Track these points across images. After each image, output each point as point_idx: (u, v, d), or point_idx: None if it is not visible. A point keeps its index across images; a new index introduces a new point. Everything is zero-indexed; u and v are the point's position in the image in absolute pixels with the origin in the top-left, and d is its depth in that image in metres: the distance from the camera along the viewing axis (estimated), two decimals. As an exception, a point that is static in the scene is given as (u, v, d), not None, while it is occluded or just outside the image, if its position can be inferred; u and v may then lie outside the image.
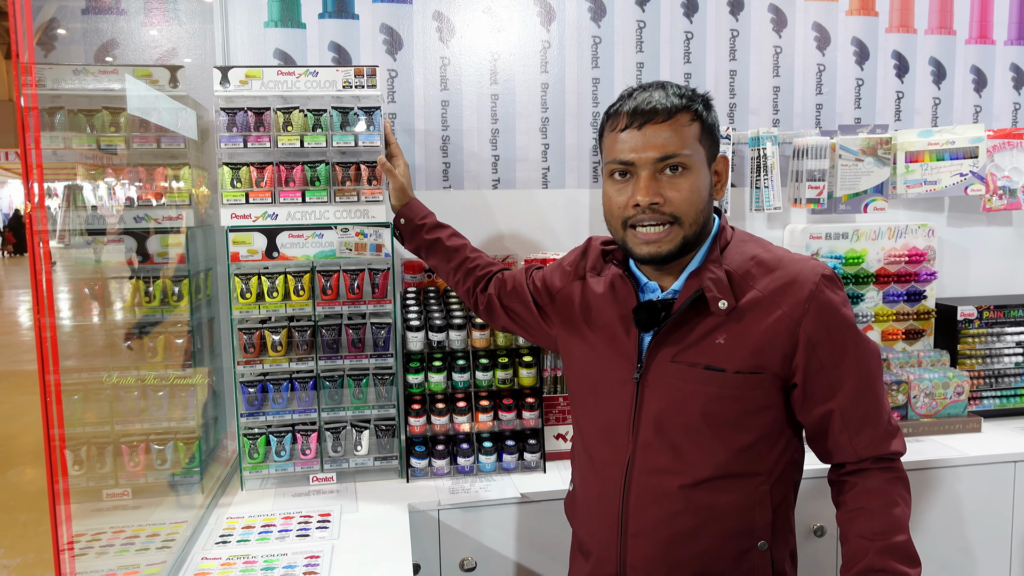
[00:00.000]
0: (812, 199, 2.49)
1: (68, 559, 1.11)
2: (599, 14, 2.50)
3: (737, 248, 1.42)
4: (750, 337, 1.34)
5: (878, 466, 1.39)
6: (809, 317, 1.33)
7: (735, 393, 1.35)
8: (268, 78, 2.00)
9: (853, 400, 1.36)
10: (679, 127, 1.34)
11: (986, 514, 2.17)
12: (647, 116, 1.34)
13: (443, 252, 1.90)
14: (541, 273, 1.73)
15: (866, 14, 2.66)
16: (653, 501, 1.39)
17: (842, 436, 1.38)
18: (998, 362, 2.51)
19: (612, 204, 1.40)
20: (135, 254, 1.92)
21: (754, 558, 1.40)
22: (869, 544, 1.32)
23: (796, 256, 1.41)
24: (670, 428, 1.38)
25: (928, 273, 2.56)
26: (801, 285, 1.34)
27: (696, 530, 1.38)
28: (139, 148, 1.91)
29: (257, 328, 2.02)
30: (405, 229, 1.94)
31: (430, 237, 1.91)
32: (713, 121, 1.40)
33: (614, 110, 1.41)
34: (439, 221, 1.95)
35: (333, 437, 2.05)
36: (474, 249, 1.93)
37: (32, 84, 1.00)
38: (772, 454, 1.40)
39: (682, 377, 1.37)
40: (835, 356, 1.35)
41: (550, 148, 2.52)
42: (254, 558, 1.62)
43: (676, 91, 1.37)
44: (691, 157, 1.35)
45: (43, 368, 1.01)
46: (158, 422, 1.93)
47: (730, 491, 1.38)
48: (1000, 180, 2.60)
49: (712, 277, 1.37)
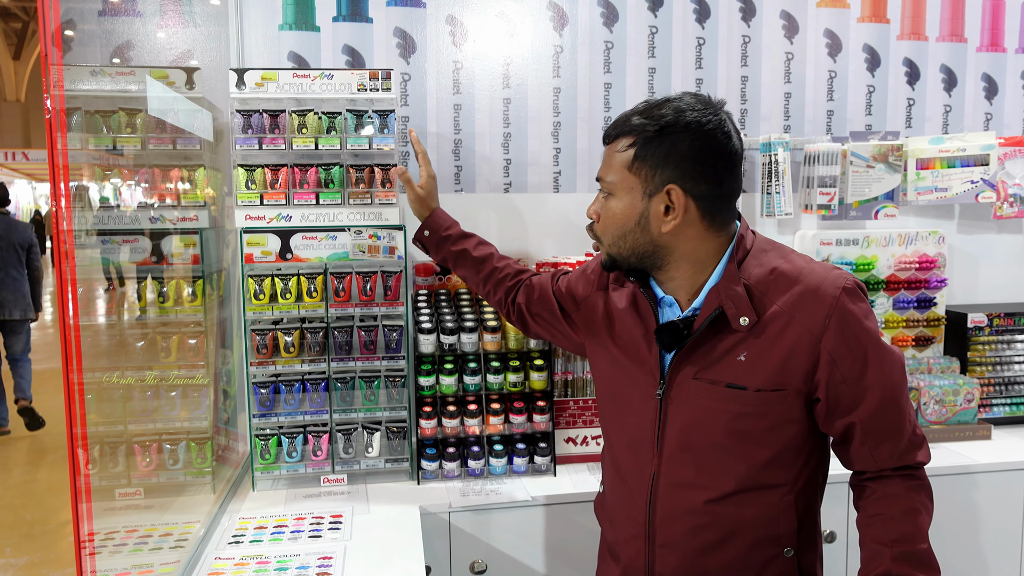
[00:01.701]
0: (823, 205, 2.49)
1: (88, 557, 1.12)
2: (612, 19, 2.51)
3: (756, 260, 1.38)
4: (771, 354, 1.32)
5: (900, 473, 1.37)
6: (830, 332, 1.30)
7: (758, 410, 1.34)
8: (283, 80, 2.02)
9: (875, 414, 1.33)
10: (612, 152, 1.39)
11: (996, 521, 2.17)
12: (605, 139, 1.42)
13: (471, 263, 1.88)
14: (567, 279, 1.72)
15: (877, 21, 2.67)
16: (679, 515, 1.40)
17: (863, 448, 1.36)
18: (1008, 369, 2.50)
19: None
20: (150, 255, 1.93)
21: (781, 565, 1.39)
22: (887, 550, 1.31)
23: (817, 267, 1.36)
24: (694, 444, 1.38)
25: (938, 280, 2.56)
26: (822, 299, 1.31)
27: (722, 541, 1.38)
28: (155, 149, 1.92)
29: (270, 329, 2.03)
30: (430, 241, 1.92)
31: (456, 248, 1.89)
32: (663, 148, 1.31)
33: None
34: (464, 231, 1.92)
35: (344, 439, 2.06)
36: (502, 257, 1.90)
37: (60, 85, 1.01)
38: (796, 465, 1.38)
39: (705, 395, 1.36)
40: (857, 370, 1.31)
41: (562, 152, 2.53)
42: (267, 558, 1.62)
43: (649, 112, 1.34)
44: (614, 184, 1.38)
45: (67, 367, 1.02)
46: (171, 422, 1.94)
47: (755, 503, 1.37)
48: (1011, 188, 2.60)
49: (731, 294, 1.34)
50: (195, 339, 1.98)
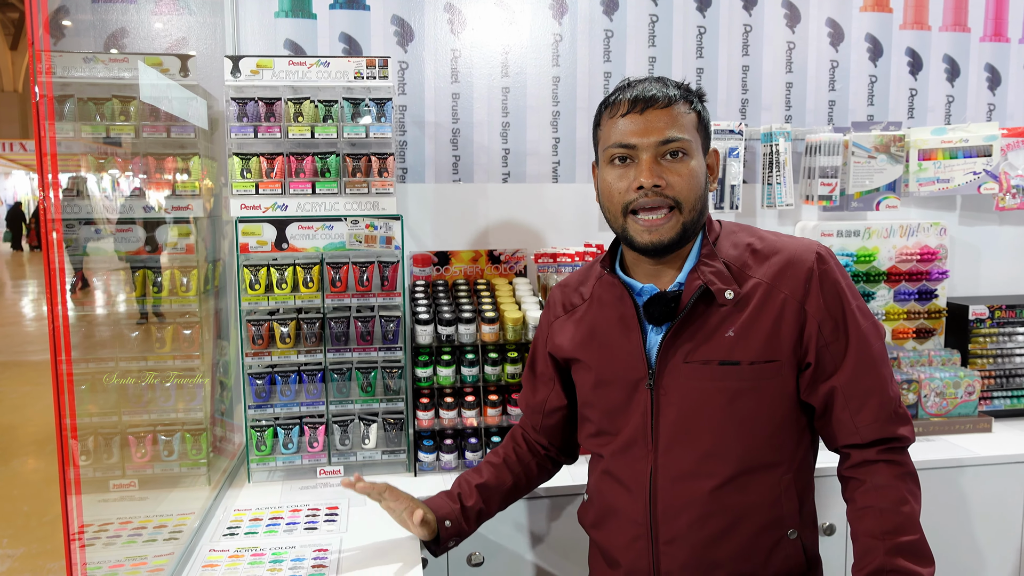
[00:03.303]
0: (824, 196, 2.47)
1: (78, 549, 1.10)
2: (611, 7, 2.48)
3: (728, 240, 1.43)
4: (759, 326, 1.35)
5: (884, 457, 1.37)
6: (811, 295, 1.35)
7: (753, 384, 1.35)
8: (279, 68, 1.99)
9: (854, 375, 1.36)
10: (678, 114, 1.36)
11: (996, 514, 2.16)
12: (648, 102, 1.35)
13: (505, 492, 1.65)
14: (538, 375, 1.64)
15: (880, 10, 2.64)
16: (683, 507, 1.38)
17: (844, 414, 1.37)
18: (1009, 362, 2.49)
19: (612, 190, 1.39)
20: (144, 244, 1.91)
21: (787, 547, 1.40)
22: (879, 544, 1.32)
23: (787, 238, 1.43)
24: (692, 431, 1.37)
25: (940, 272, 2.55)
26: (799, 265, 1.36)
27: (728, 529, 1.37)
28: (149, 137, 1.90)
29: (266, 320, 2.01)
30: (454, 528, 1.58)
31: (481, 507, 1.62)
32: (707, 115, 1.42)
33: (613, 99, 1.41)
34: (468, 485, 1.63)
35: (341, 430, 2.04)
36: (499, 458, 1.68)
37: (47, 72, 0.99)
38: (792, 441, 1.40)
39: (698, 376, 1.36)
40: (839, 332, 1.36)
41: (561, 142, 2.50)
42: (262, 550, 1.61)
43: (673, 83, 1.40)
44: (691, 143, 1.36)
45: (56, 358, 1.00)
46: (165, 413, 1.93)
47: (757, 485, 1.37)
48: (1014, 179, 2.58)
49: (712, 270, 1.37)
50: (190, 329, 1.97)
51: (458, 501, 1.59)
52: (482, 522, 1.63)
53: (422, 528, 1.55)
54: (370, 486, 1.54)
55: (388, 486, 1.56)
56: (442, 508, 1.58)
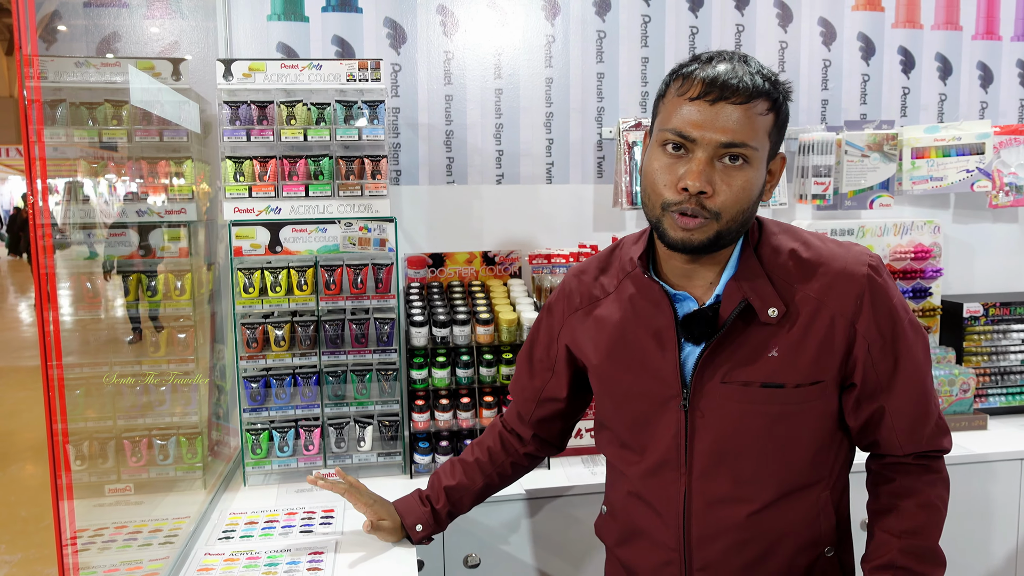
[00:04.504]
0: (818, 195, 2.48)
1: (71, 554, 1.10)
2: (604, 8, 2.49)
3: (770, 244, 1.29)
4: (806, 345, 1.23)
5: (920, 462, 1.32)
6: (863, 314, 1.23)
7: (798, 408, 1.25)
8: (271, 71, 1.99)
9: (903, 396, 1.27)
10: (753, 115, 1.16)
11: (993, 511, 2.16)
12: (724, 92, 1.15)
13: (477, 496, 1.63)
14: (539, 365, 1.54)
15: (872, 9, 2.65)
16: (719, 533, 1.29)
17: (891, 435, 1.29)
18: (1004, 359, 2.49)
19: (656, 180, 1.21)
20: (137, 248, 1.91)
21: (824, 565, 1.33)
22: (895, 540, 1.27)
23: (834, 244, 1.29)
24: (730, 455, 1.27)
25: (934, 270, 2.55)
26: (850, 281, 1.24)
27: (766, 554, 1.30)
28: (141, 141, 1.90)
29: (260, 323, 2.01)
30: (425, 531, 1.60)
31: (451, 508, 1.61)
32: (787, 115, 1.24)
33: (688, 71, 1.20)
34: (439, 487, 1.61)
35: (336, 433, 2.04)
36: (475, 460, 1.62)
37: (35, 76, 0.99)
38: (830, 460, 1.32)
39: (738, 399, 1.25)
40: (888, 351, 1.25)
41: (554, 143, 2.51)
42: (257, 554, 1.61)
43: (760, 71, 1.19)
44: (756, 152, 1.18)
45: (46, 362, 1.00)
46: (160, 417, 1.93)
47: (797, 507, 1.29)
48: (1007, 176, 2.59)
49: (755, 285, 1.24)
50: (185, 333, 1.96)
51: (427, 503, 1.60)
52: (454, 518, 1.63)
53: (379, 533, 1.60)
54: (330, 485, 1.59)
55: (349, 486, 1.60)
56: (412, 512, 1.60)
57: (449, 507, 1.59)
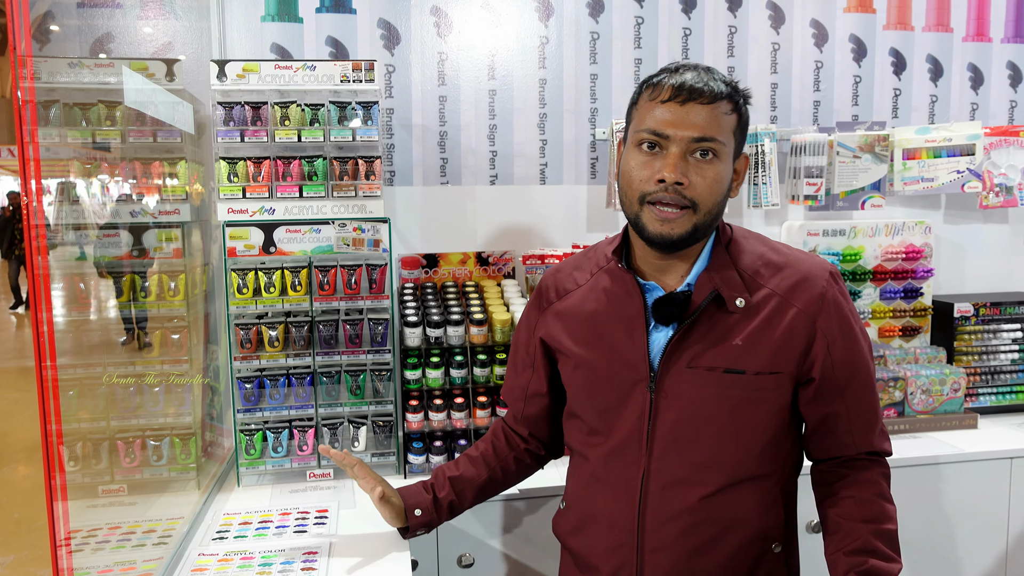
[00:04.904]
0: (810, 196, 2.49)
1: (65, 555, 1.10)
2: (597, 10, 2.50)
3: (741, 245, 1.40)
4: (768, 336, 1.32)
5: (871, 458, 1.41)
6: (824, 313, 1.34)
7: (756, 395, 1.33)
8: (265, 72, 1.99)
9: (857, 400, 1.37)
10: (719, 114, 1.29)
11: (982, 510, 2.18)
12: (692, 94, 1.28)
13: (481, 489, 1.63)
14: (526, 368, 1.59)
15: (864, 11, 2.66)
16: (673, 516, 1.35)
17: (847, 436, 1.39)
18: (994, 359, 2.51)
19: (633, 176, 1.32)
20: (131, 249, 1.91)
21: (771, 562, 1.39)
22: (864, 527, 1.33)
23: (800, 253, 1.41)
24: (690, 438, 1.34)
25: (925, 270, 2.57)
26: (813, 282, 1.35)
27: (716, 540, 1.35)
28: (135, 142, 1.90)
29: (254, 323, 2.01)
30: (424, 517, 1.58)
31: (453, 499, 1.60)
32: (748, 118, 1.37)
33: (657, 80, 1.33)
34: (443, 476, 1.61)
35: (330, 433, 2.05)
36: (481, 453, 1.65)
37: (29, 77, 0.99)
38: (782, 453, 1.39)
39: (701, 383, 1.33)
40: (845, 353, 1.35)
41: (548, 144, 2.51)
42: (251, 554, 1.61)
43: (722, 78, 1.33)
44: (724, 146, 1.30)
45: (40, 363, 1.00)
46: (154, 418, 1.92)
47: (748, 496, 1.36)
48: (997, 177, 2.61)
49: (725, 276, 1.35)
50: (178, 334, 1.96)
51: (431, 491, 1.59)
52: (455, 514, 1.61)
53: (384, 508, 1.55)
54: (342, 456, 1.56)
55: (360, 462, 1.57)
56: (414, 496, 1.58)
57: (452, 497, 1.59)
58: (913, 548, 2.12)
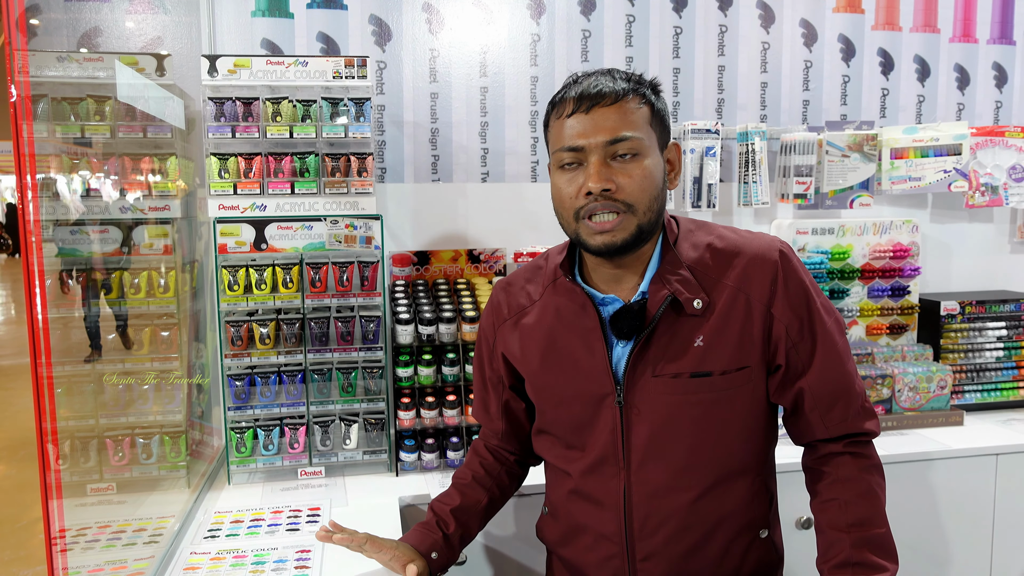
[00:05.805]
0: (799, 194, 2.51)
1: (59, 554, 1.09)
2: (589, 8, 2.50)
3: (688, 240, 1.36)
4: (728, 332, 1.30)
5: (850, 450, 1.36)
6: (777, 297, 1.31)
7: (728, 393, 1.32)
8: (257, 68, 1.98)
9: (822, 375, 1.34)
10: (627, 110, 1.27)
11: (968, 506, 2.20)
12: (594, 99, 1.26)
13: (479, 517, 1.56)
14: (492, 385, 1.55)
15: (852, 11, 2.68)
16: (660, 524, 1.34)
17: (813, 414, 1.35)
18: (980, 356, 2.54)
19: (563, 195, 1.30)
20: (121, 245, 1.89)
21: (759, 547, 1.40)
22: (845, 536, 1.30)
23: (747, 235, 1.38)
24: (666, 447, 1.33)
25: (912, 268, 2.59)
26: (762, 265, 1.32)
27: (706, 538, 1.35)
28: (125, 137, 1.88)
29: (245, 321, 2.00)
30: (440, 559, 1.48)
31: (462, 532, 1.52)
32: (663, 107, 1.33)
33: (559, 97, 1.32)
34: (444, 512, 1.52)
35: (322, 431, 2.04)
36: (472, 477, 1.57)
37: (24, 71, 0.98)
38: (762, 444, 1.39)
39: (669, 391, 1.31)
40: (807, 332, 1.33)
41: (539, 142, 2.51)
42: (244, 552, 1.60)
43: (623, 75, 1.31)
44: (643, 141, 1.27)
45: (35, 361, 0.99)
46: (143, 416, 1.91)
47: (734, 492, 1.35)
48: (982, 177, 2.64)
49: (678, 278, 1.31)
50: (168, 331, 1.95)
51: (439, 530, 1.48)
52: (466, 544, 1.53)
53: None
54: (348, 538, 1.40)
55: (369, 536, 1.42)
56: (425, 542, 1.46)
57: (461, 530, 1.50)
58: (899, 543, 2.11)
